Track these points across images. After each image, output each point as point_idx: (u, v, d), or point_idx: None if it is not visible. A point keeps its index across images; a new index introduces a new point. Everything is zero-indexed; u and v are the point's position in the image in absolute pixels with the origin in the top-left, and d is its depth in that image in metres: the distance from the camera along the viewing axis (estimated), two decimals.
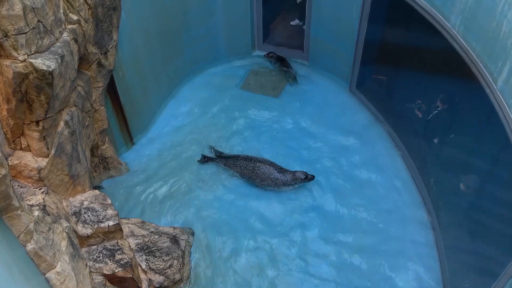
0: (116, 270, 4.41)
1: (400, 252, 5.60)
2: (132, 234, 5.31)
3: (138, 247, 5.18)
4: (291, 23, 9.12)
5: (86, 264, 4.23)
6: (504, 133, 3.92)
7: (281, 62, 8.34)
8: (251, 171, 6.34)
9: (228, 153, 6.77)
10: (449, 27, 4.71)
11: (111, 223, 4.56)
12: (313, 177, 6.26)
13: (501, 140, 4.02)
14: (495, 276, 4.17)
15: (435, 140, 5.90)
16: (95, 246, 4.57)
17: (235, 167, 6.45)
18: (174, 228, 5.67)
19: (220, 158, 6.66)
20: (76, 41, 4.57)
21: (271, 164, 6.40)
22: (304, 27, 8.14)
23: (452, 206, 5.53)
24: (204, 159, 6.75)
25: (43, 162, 4.23)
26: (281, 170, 6.34)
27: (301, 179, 6.25)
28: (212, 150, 6.85)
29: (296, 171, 6.30)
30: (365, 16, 6.60)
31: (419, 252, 5.60)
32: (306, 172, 6.27)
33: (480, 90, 4.27)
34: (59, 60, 3.98)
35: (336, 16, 7.15)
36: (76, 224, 4.46)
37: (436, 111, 5.65)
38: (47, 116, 4.10)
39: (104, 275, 4.38)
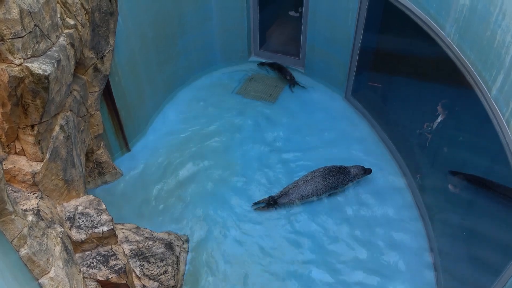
0: (110, 276, 4.37)
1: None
2: (127, 240, 5.28)
3: (132, 253, 5.15)
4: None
5: (80, 269, 4.20)
6: (498, 141, 3.95)
7: (279, 69, 8.38)
8: (323, 187, 6.17)
9: (281, 190, 6.28)
10: (444, 36, 4.76)
11: (105, 228, 4.54)
12: (370, 171, 6.36)
13: (495, 148, 4.05)
14: (487, 285, 4.19)
15: (430, 148, 5.93)
16: (89, 252, 4.54)
17: (306, 196, 6.13)
18: (169, 234, 5.64)
19: (283, 199, 6.14)
20: (72, 45, 4.57)
21: (329, 168, 6.33)
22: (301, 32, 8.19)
23: (445, 211, 5.56)
24: (270, 204, 6.15)
25: (37, 166, 4.20)
26: (341, 168, 6.32)
27: (361, 174, 6.34)
28: (265, 204, 6.21)
29: (353, 166, 6.38)
30: (361, 24, 6.66)
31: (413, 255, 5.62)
32: (363, 166, 6.38)
33: (475, 98, 4.30)
34: (55, 65, 3.98)
35: (332, 23, 7.20)
36: (70, 230, 4.43)
37: (431, 119, 5.69)
38: (42, 121, 4.08)
39: (98, 281, 4.35)
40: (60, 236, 3.96)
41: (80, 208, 4.70)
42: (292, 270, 5.53)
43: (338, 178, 6.24)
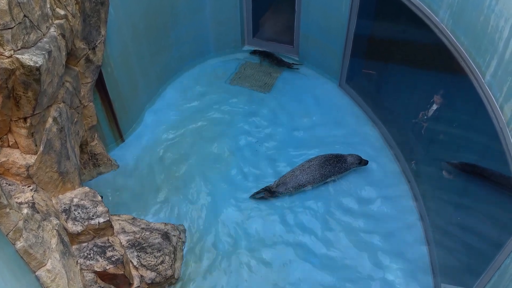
0: (107, 267, 4.38)
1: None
2: (123, 231, 5.29)
3: (129, 244, 5.16)
4: None
5: (77, 261, 4.20)
6: (492, 126, 3.97)
7: (269, 58, 8.35)
8: (320, 176, 6.18)
9: (277, 179, 6.27)
10: (438, 21, 4.75)
11: (101, 220, 4.53)
12: (367, 162, 6.40)
13: (489, 133, 4.07)
14: (481, 270, 4.24)
15: (424, 134, 5.95)
16: (86, 243, 4.54)
17: (303, 185, 6.15)
18: (166, 224, 5.65)
19: (280, 188, 6.14)
20: (63, 36, 4.51)
21: (325, 157, 6.32)
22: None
23: (440, 198, 5.60)
24: (266, 195, 6.16)
25: (31, 159, 4.17)
26: (338, 157, 6.32)
27: (357, 163, 6.35)
28: (263, 194, 6.19)
29: (349, 155, 6.39)
30: (355, 11, 6.62)
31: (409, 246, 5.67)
32: (359, 156, 6.39)
33: (469, 84, 4.31)
34: (46, 56, 3.93)
35: (325, 11, 7.15)
36: (66, 222, 4.42)
37: (425, 105, 5.70)
38: (35, 113, 4.04)
39: (95, 272, 4.36)
40: (56, 228, 3.95)
41: (75, 200, 4.69)
42: (291, 256, 5.58)
43: (334, 167, 6.25)
